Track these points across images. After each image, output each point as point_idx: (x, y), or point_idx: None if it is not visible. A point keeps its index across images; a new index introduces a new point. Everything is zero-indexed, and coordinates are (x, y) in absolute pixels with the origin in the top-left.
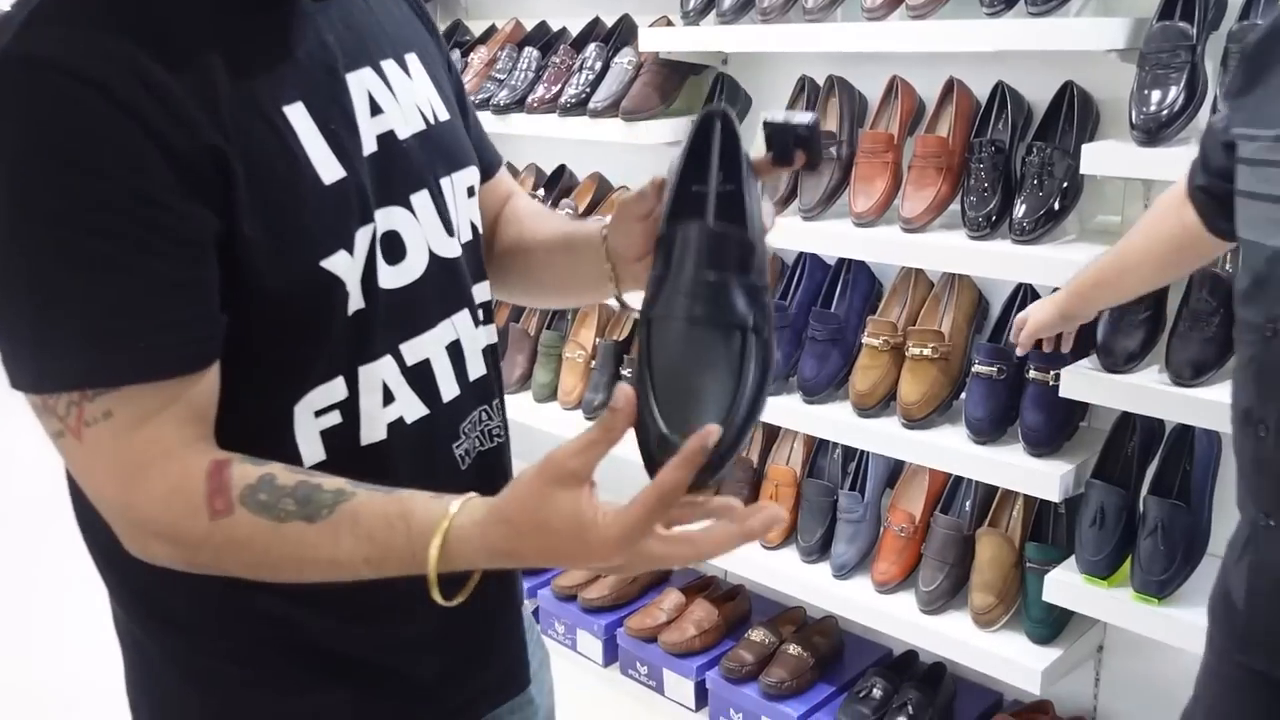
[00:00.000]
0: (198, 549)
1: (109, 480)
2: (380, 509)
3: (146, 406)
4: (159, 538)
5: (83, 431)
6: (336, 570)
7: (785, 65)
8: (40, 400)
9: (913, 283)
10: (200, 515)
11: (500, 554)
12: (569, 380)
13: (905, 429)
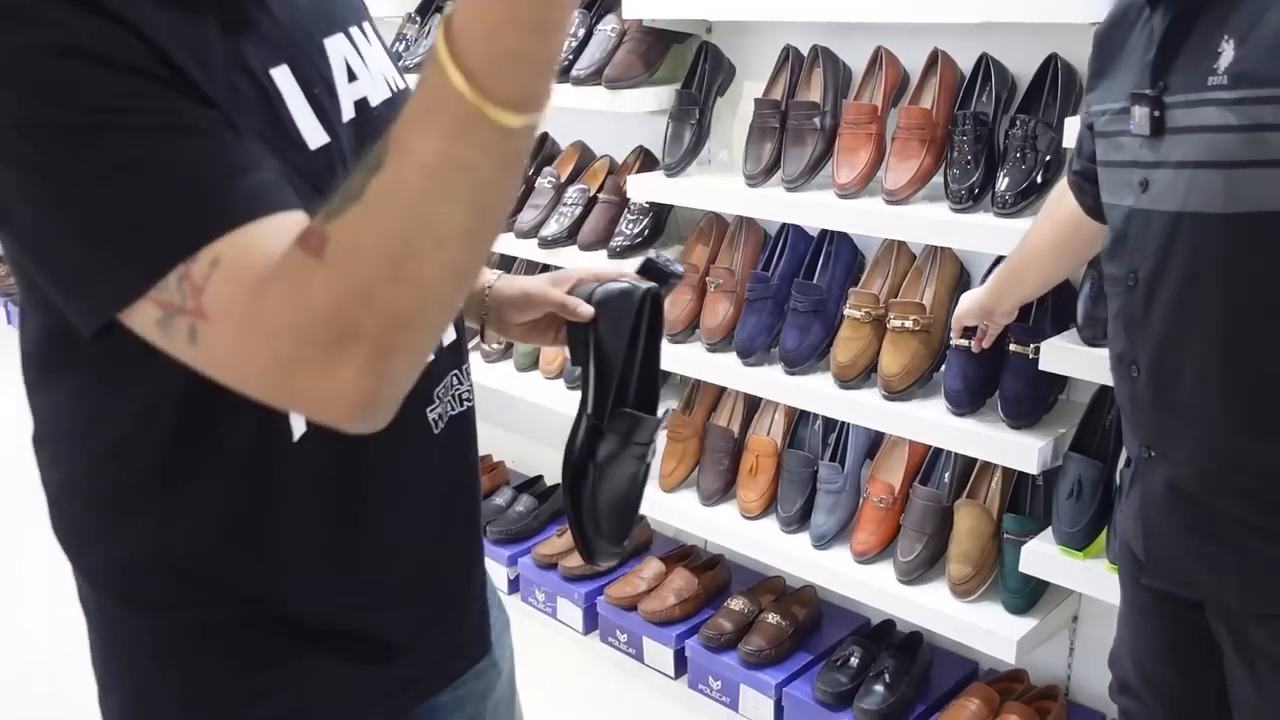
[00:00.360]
0: (350, 305)
1: (251, 337)
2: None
3: (252, 237)
4: (328, 345)
5: (203, 301)
6: (438, 176)
7: (770, 34)
8: (154, 301)
9: (895, 255)
10: (313, 271)
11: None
12: (551, 349)
13: (885, 400)
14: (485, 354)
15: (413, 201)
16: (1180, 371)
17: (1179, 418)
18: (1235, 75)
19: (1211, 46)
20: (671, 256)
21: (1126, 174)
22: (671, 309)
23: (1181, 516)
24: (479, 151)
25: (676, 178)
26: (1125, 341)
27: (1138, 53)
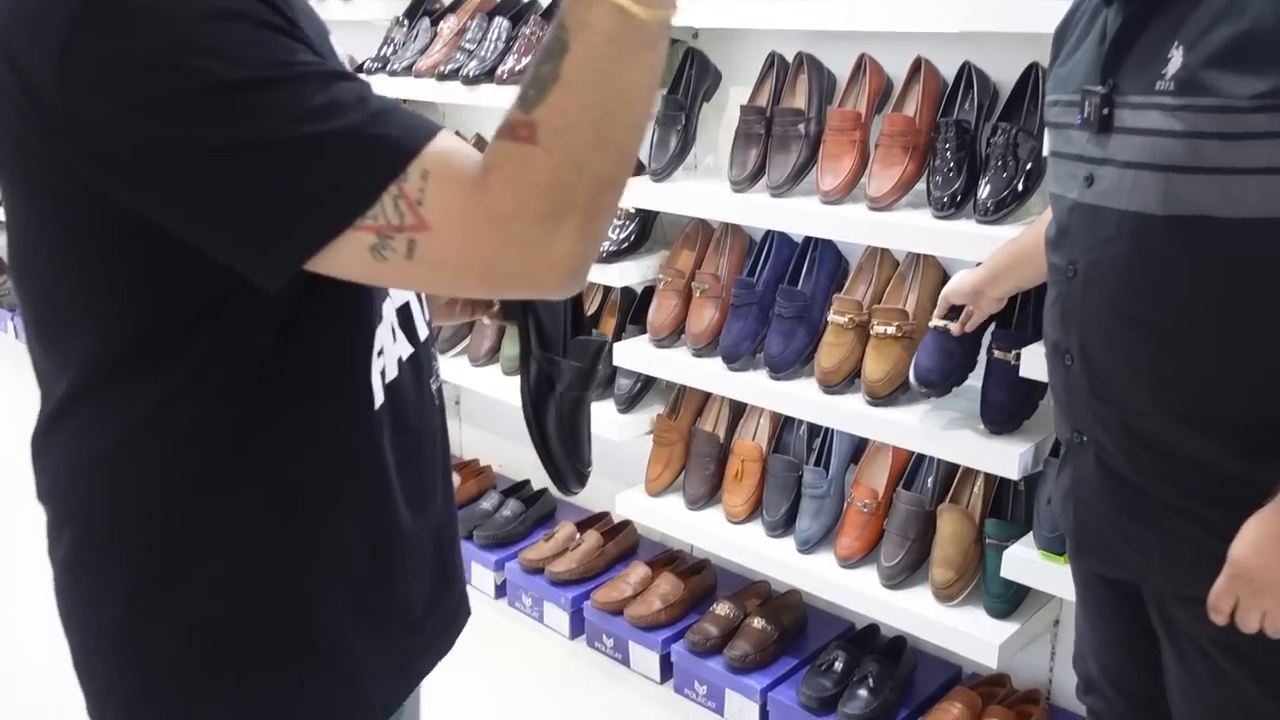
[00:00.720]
0: (566, 177)
1: (476, 234)
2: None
3: (444, 152)
4: (547, 219)
5: (422, 213)
6: (621, 42)
7: (755, 41)
8: (368, 228)
9: (878, 261)
10: (531, 155)
11: None
12: None
13: (869, 406)
14: (472, 358)
15: (607, 69)
16: (1112, 362)
17: (1109, 405)
18: (1181, 82)
19: (1162, 51)
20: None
21: (1073, 167)
22: (657, 314)
23: (1111, 497)
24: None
25: (663, 183)
26: (1061, 330)
27: (1091, 48)
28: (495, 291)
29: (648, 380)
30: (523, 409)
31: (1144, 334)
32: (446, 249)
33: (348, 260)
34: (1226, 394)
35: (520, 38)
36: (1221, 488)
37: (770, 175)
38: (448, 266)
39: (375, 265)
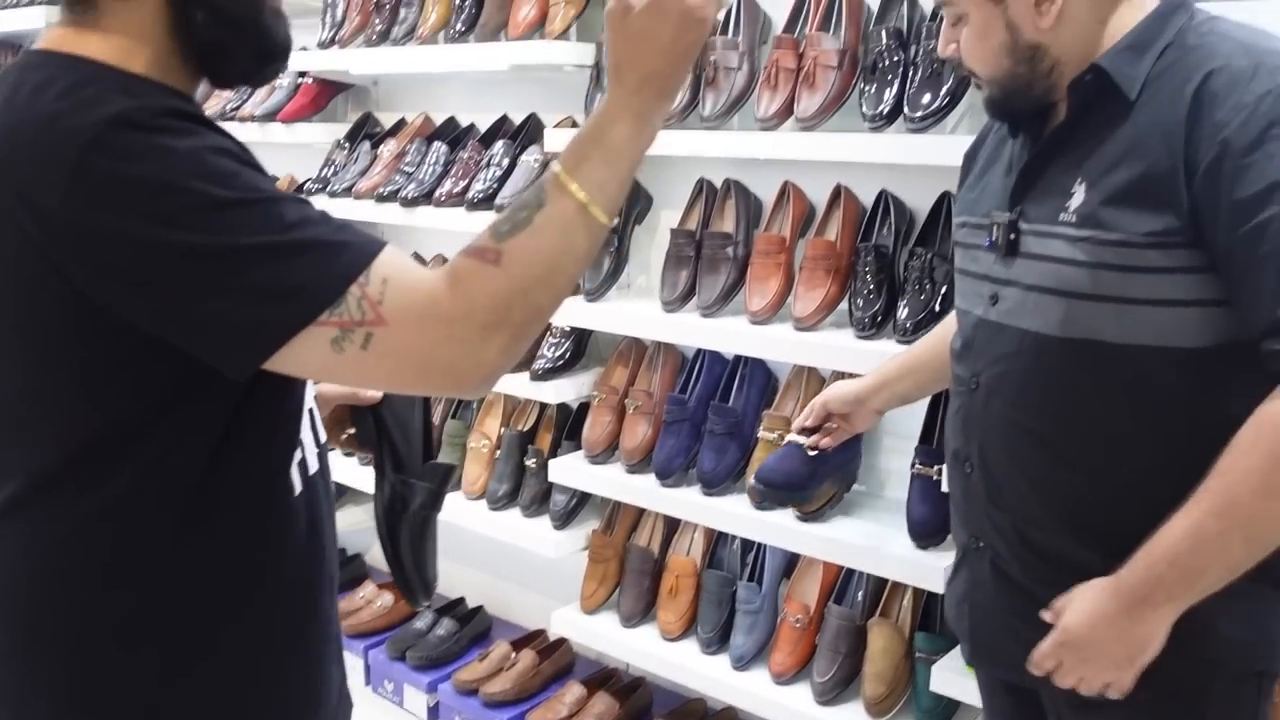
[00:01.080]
0: (513, 299)
1: (428, 330)
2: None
3: (396, 263)
4: (487, 328)
5: (382, 310)
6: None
7: (685, 168)
8: (332, 323)
9: (805, 378)
10: (491, 273)
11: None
12: (473, 470)
13: (799, 521)
14: None
15: (567, 235)
16: (1009, 471)
17: (1005, 513)
18: (1083, 216)
19: (1066, 185)
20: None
21: (979, 285)
22: (592, 430)
23: (1005, 602)
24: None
25: (597, 302)
26: (963, 439)
27: (999, 176)
28: (423, 384)
29: (583, 496)
30: (376, 527)
31: (1039, 445)
32: (398, 342)
33: (309, 352)
34: (1112, 508)
35: (458, 162)
36: None
37: (700, 296)
38: (394, 358)
39: (332, 357)
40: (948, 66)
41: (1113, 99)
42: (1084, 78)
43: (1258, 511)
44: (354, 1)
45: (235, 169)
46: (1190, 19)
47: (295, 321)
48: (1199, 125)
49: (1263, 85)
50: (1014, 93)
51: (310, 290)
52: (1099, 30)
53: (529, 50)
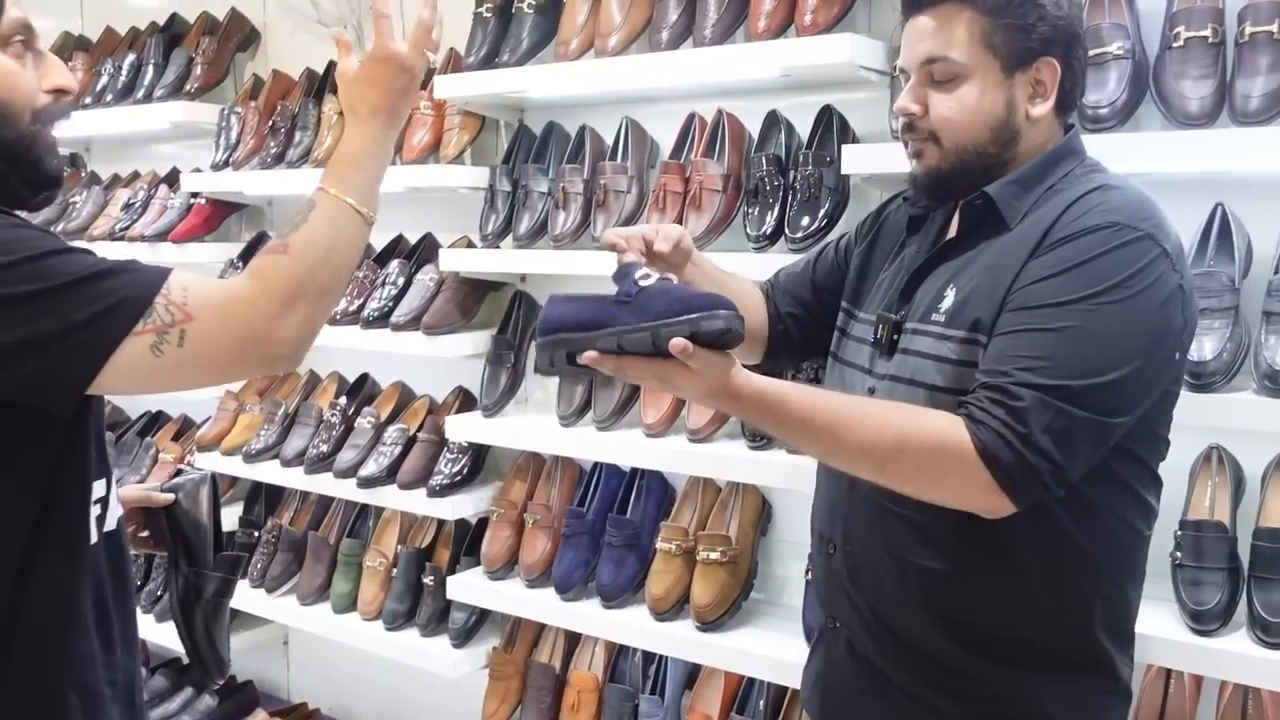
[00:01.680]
0: (303, 277)
1: (234, 313)
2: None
3: (190, 276)
4: (286, 302)
5: (188, 308)
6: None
7: (579, 284)
8: (148, 331)
9: (701, 489)
10: (282, 260)
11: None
12: (370, 589)
13: (699, 632)
14: (301, 597)
15: (337, 226)
16: (870, 551)
17: (863, 593)
18: (950, 316)
19: (942, 290)
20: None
21: (858, 377)
22: (491, 546)
23: (859, 682)
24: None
25: (494, 418)
26: (828, 522)
27: (888, 279)
28: (242, 364)
29: (482, 613)
30: (172, 616)
31: (901, 526)
32: (210, 331)
33: (133, 362)
34: (959, 590)
35: (353, 280)
36: (950, 678)
37: (596, 409)
38: (210, 346)
39: (155, 362)
40: (824, 190)
41: (995, 222)
42: (975, 201)
43: (846, 453)
44: (249, 124)
45: (53, 241)
46: (1079, 164)
47: (113, 334)
48: (1044, 240)
49: (1098, 218)
50: (966, 171)
51: (121, 306)
52: (1040, 148)
53: (424, 173)
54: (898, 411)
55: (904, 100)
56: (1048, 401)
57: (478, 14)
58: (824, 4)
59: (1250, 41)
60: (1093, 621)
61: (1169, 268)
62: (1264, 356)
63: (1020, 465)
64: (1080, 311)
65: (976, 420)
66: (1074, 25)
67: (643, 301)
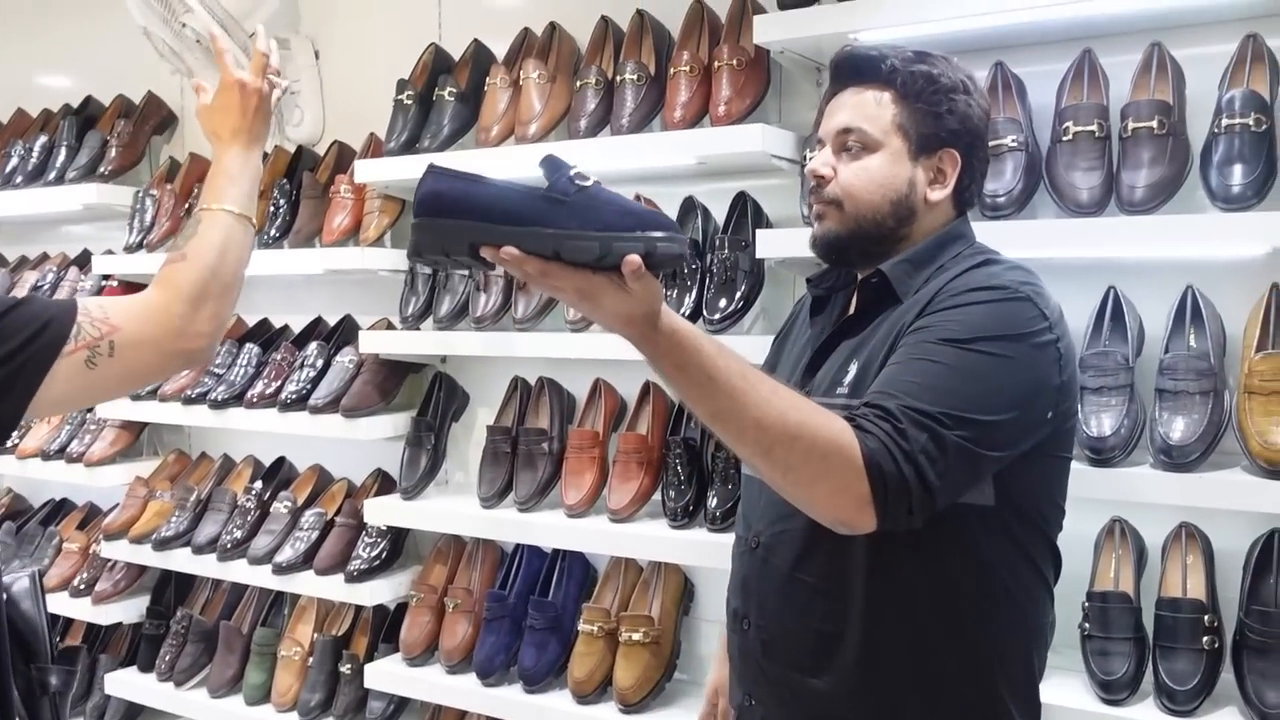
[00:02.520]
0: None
1: (152, 318)
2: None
3: (101, 298)
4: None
5: (112, 320)
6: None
7: (500, 366)
8: (80, 347)
9: (623, 569)
10: (183, 267)
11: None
12: (284, 680)
13: (622, 714)
14: (211, 690)
15: (226, 233)
16: (784, 621)
17: (778, 665)
18: (851, 387)
19: (845, 364)
20: (405, 579)
21: None
22: (410, 631)
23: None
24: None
25: (414, 500)
26: (741, 598)
27: (794, 354)
28: (168, 362)
29: (401, 701)
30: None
31: (817, 597)
32: (137, 336)
33: (70, 379)
34: (867, 655)
35: (270, 363)
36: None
37: (518, 491)
38: (139, 349)
39: (90, 375)
40: (740, 273)
41: (887, 298)
42: (870, 280)
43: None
44: (164, 206)
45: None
46: (967, 247)
47: (47, 355)
48: (933, 300)
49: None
50: (862, 238)
51: (49, 327)
52: (932, 231)
53: (344, 256)
54: (804, 402)
55: (816, 163)
56: (924, 423)
57: (398, 101)
58: (736, 95)
59: (1133, 136)
60: (995, 683)
61: (1046, 329)
62: (1159, 432)
63: (897, 480)
64: (959, 353)
65: (863, 430)
66: (980, 128)
67: (583, 204)
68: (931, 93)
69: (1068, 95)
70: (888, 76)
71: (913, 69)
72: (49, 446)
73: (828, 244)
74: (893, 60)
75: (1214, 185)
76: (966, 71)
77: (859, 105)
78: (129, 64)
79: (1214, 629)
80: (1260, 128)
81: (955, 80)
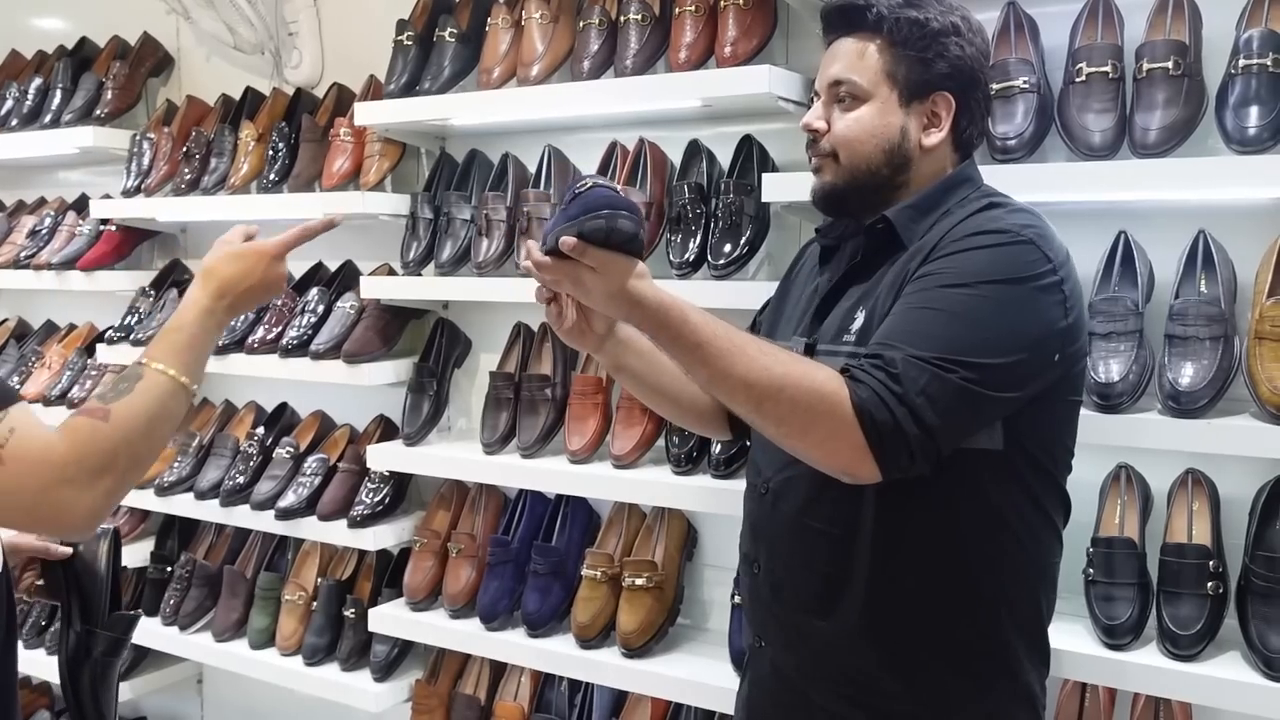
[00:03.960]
0: (118, 449)
1: (38, 472)
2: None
3: (25, 418)
4: (95, 472)
5: (3, 453)
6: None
7: (503, 311)
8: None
9: (627, 515)
10: (100, 428)
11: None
12: (288, 624)
13: (625, 658)
14: (216, 633)
15: (161, 399)
16: (792, 564)
17: (786, 608)
18: (858, 334)
19: (852, 311)
20: (410, 524)
21: None
22: (413, 576)
23: (780, 698)
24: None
25: (416, 446)
26: (751, 542)
27: (803, 302)
28: (29, 523)
29: (405, 645)
30: (59, 672)
31: (819, 539)
32: (11, 482)
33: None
34: (875, 599)
35: (271, 308)
36: (870, 696)
37: (520, 437)
38: (7, 495)
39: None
40: (745, 218)
41: (893, 245)
42: (876, 225)
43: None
44: (161, 150)
45: None
46: (973, 191)
47: None
48: (938, 244)
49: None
50: (860, 189)
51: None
52: (937, 177)
53: (344, 200)
54: (790, 357)
55: (809, 117)
56: (923, 366)
57: (398, 42)
58: (743, 36)
59: (1147, 77)
60: (1002, 626)
61: (1050, 270)
62: (1167, 378)
63: (892, 426)
64: (959, 298)
65: (856, 380)
66: (975, 69)
67: (568, 205)
68: (919, 38)
69: (1081, 36)
70: (874, 24)
71: (900, 15)
72: (50, 392)
73: (826, 196)
74: (879, 7)
75: (1229, 127)
76: (961, 11)
77: (848, 55)
78: (124, 4)
79: (1219, 574)
80: (1278, 69)
81: (945, 23)
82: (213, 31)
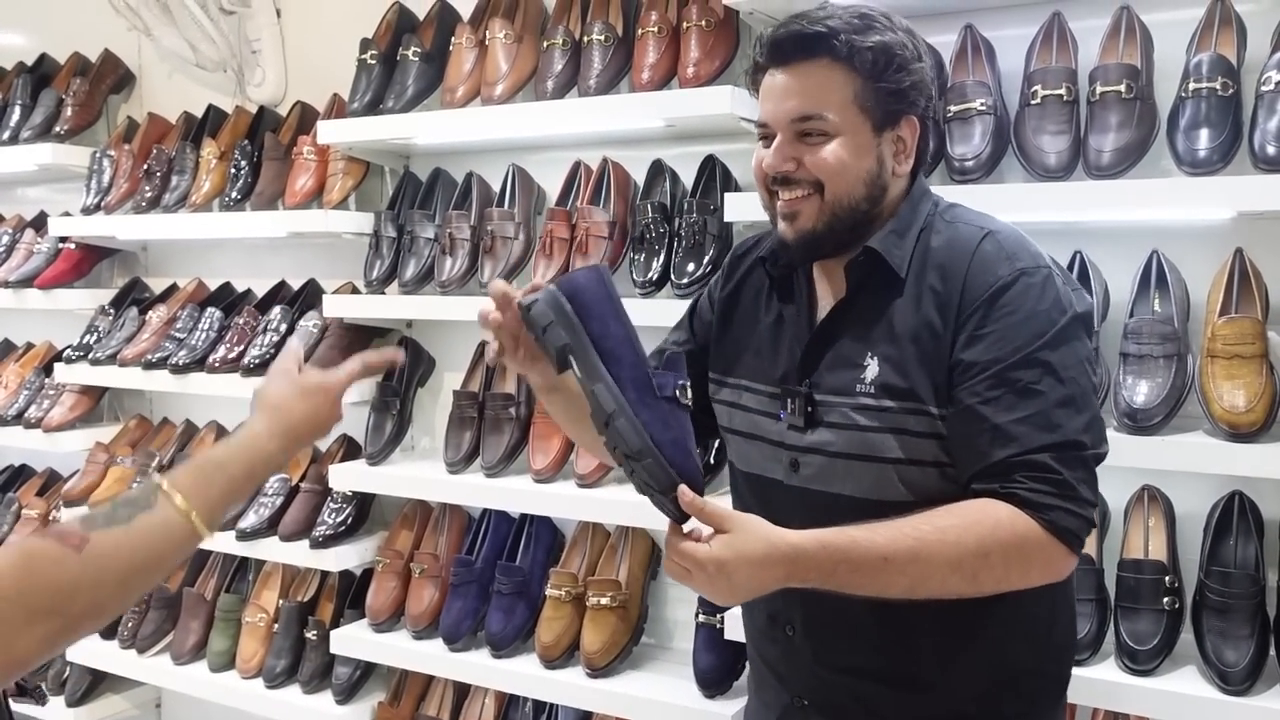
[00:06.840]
0: (80, 590)
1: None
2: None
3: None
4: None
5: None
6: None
7: (467, 330)
8: None
9: (591, 534)
10: (69, 559)
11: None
12: (249, 646)
13: (590, 678)
14: (175, 656)
15: (163, 540)
16: (838, 630)
17: (835, 671)
18: (879, 387)
19: (857, 359)
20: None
21: (774, 451)
22: (376, 597)
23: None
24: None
25: (379, 466)
26: (780, 603)
27: (772, 340)
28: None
29: (367, 667)
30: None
31: (866, 602)
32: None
33: None
34: (944, 657)
35: (233, 327)
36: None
37: (484, 456)
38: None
39: None
40: (708, 237)
41: (885, 276)
42: (858, 258)
43: (935, 577)
44: (122, 167)
45: None
46: (935, 206)
47: None
48: (964, 302)
49: (1005, 270)
50: (838, 229)
51: None
52: (901, 198)
53: (308, 218)
54: (957, 518)
55: (775, 160)
56: (1071, 458)
57: (362, 60)
58: (705, 57)
59: (1101, 100)
60: (1053, 641)
61: (1069, 291)
62: (1123, 396)
63: (1082, 524)
64: (1047, 360)
65: (1034, 505)
66: (930, 86)
67: (663, 410)
68: (895, 69)
69: (1036, 59)
70: (836, 52)
71: (861, 43)
72: (6, 412)
73: (807, 245)
74: (845, 35)
75: (1180, 149)
76: (904, 24)
77: (811, 88)
78: (85, 21)
79: (1175, 590)
80: (1227, 92)
81: (911, 49)
82: (175, 49)
